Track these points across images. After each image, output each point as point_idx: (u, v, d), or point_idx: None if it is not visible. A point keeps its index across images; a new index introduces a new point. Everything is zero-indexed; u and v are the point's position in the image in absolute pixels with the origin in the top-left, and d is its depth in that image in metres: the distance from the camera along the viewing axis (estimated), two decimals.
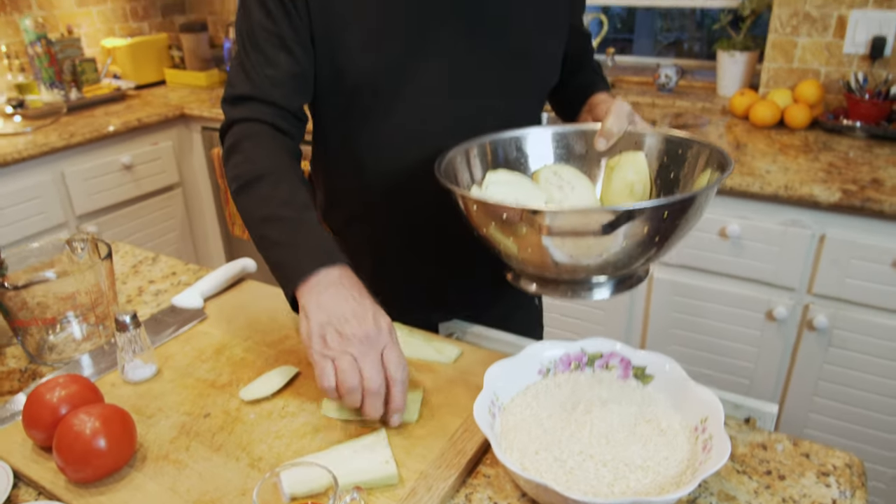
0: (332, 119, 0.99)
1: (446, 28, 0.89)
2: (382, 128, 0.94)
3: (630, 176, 0.86)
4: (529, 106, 1.02)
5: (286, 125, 0.91)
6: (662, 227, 0.69)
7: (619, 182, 0.87)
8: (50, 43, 2.42)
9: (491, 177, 0.86)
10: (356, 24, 0.88)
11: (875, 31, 1.81)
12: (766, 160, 1.65)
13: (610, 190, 0.88)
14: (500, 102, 0.95)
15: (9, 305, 0.88)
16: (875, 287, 1.48)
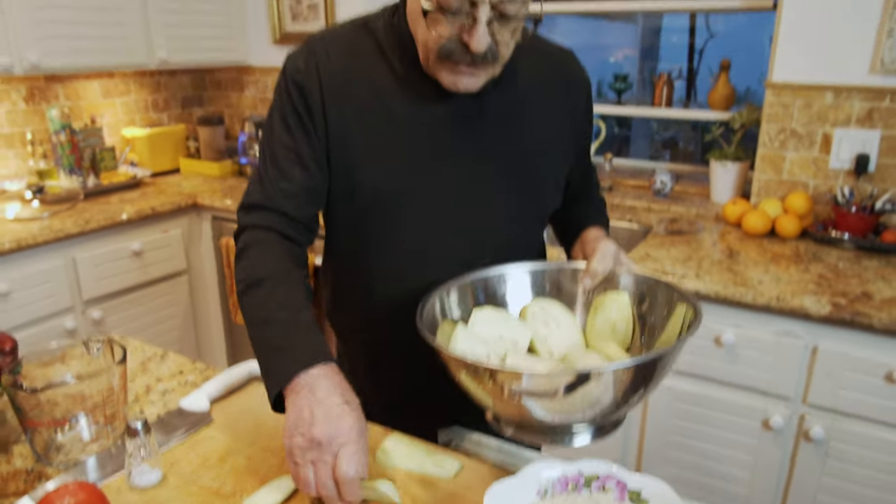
0: (343, 229, 1.05)
1: (454, 155, 0.96)
2: (388, 244, 1.00)
3: (613, 315, 0.91)
4: (531, 228, 1.07)
5: (294, 233, 0.98)
6: (629, 385, 0.73)
7: (602, 322, 0.91)
8: (74, 132, 2.54)
9: (477, 315, 0.90)
10: (369, 148, 0.95)
11: (858, 148, 1.92)
12: (759, 269, 1.70)
13: (594, 329, 0.92)
14: (503, 225, 1.01)
15: (22, 405, 0.91)
16: (869, 400, 1.50)
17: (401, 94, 0.95)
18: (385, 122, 0.95)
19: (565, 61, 1.06)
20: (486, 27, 0.81)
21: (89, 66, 2.40)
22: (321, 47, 0.97)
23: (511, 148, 0.99)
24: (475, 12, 0.80)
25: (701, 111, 2.41)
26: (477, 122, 0.96)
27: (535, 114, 1.00)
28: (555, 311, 0.94)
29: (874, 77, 1.86)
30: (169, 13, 2.59)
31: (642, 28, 5.03)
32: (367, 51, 0.96)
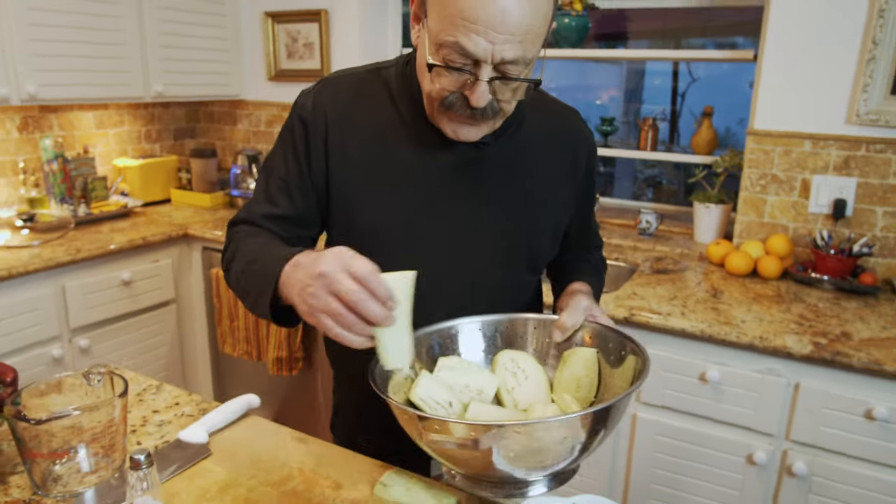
0: None
1: (452, 200, 1.00)
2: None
3: (578, 371, 0.93)
4: (524, 275, 1.10)
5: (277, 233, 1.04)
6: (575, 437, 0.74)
7: (569, 376, 0.94)
8: (66, 161, 2.55)
9: (443, 362, 0.94)
10: (368, 187, 1.00)
11: (836, 194, 1.99)
12: (742, 309, 1.75)
13: (560, 383, 0.95)
14: (496, 271, 1.05)
15: (22, 436, 0.91)
16: (850, 437, 1.54)
17: (405, 138, 0.99)
18: (386, 164, 0.99)
19: (568, 119, 1.10)
20: (486, 85, 0.85)
21: (86, 97, 2.43)
22: (331, 87, 1.02)
23: (509, 197, 1.02)
24: (477, 71, 0.84)
25: (685, 155, 2.49)
26: (477, 170, 1.00)
27: (535, 166, 1.04)
28: (524, 363, 0.97)
29: (850, 127, 1.95)
30: (166, 48, 2.64)
31: (627, 71, 5.18)
32: (377, 95, 1.01)
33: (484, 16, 0.79)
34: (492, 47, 0.81)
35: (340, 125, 1.00)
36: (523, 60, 0.84)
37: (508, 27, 0.80)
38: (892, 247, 1.97)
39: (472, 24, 0.80)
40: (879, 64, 1.86)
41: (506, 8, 0.79)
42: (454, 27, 0.81)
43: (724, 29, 3.45)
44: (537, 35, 0.84)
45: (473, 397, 0.92)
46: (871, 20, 1.85)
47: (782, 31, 1.99)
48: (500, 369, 0.96)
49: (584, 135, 1.11)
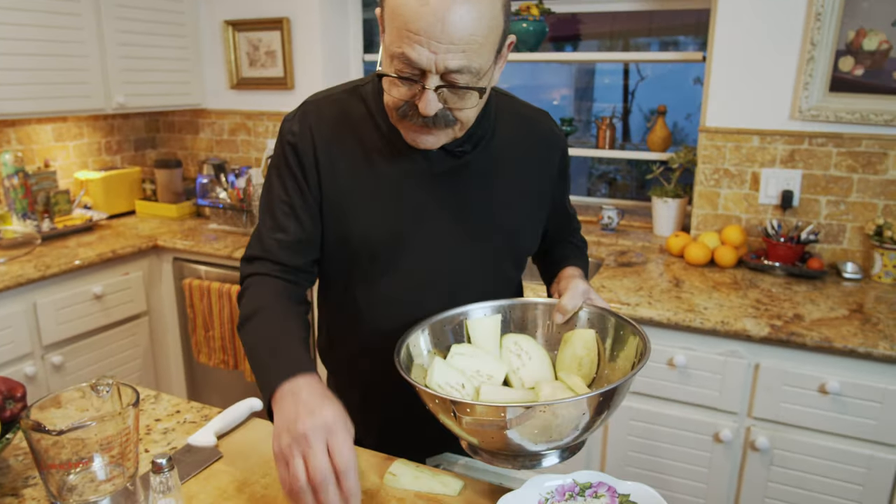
0: (335, 275, 1.15)
1: (437, 208, 1.06)
2: (375, 289, 1.10)
3: (579, 351, 1.01)
4: (508, 272, 1.17)
5: (291, 278, 1.08)
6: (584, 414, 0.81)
7: (569, 356, 1.02)
8: (27, 176, 2.52)
9: (456, 349, 1.01)
10: (358, 201, 1.06)
11: (783, 186, 2.13)
12: (703, 296, 1.87)
13: (562, 362, 1.03)
14: (482, 270, 1.11)
15: (38, 448, 0.94)
16: (806, 410, 1.67)
17: (388, 152, 1.04)
18: (373, 178, 1.05)
19: (541, 121, 1.16)
20: (433, 94, 0.89)
21: (47, 111, 2.40)
22: (314, 110, 1.07)
23: (489, 201, 1.08)
24: (424, 81, 0.89)
25: (642, 152, 2.60)
26: (458, 178, 1.06)
27: (512, 169, 1.10)
28: (527, 345, 1.04)
29: (794, 123, 2.09)
30: (127, 59, 2.62)
31: (577, 71, 5.33)
32: (357, 113, 1.06)
33: (425, 26, 0.84)
34: (434, 57, 0.85)
35: (327, 145, 1.05)
36: (468, 69, 0.88)
37: (449, 37, 0.84)
38: (835, 233, 2.12)
39: (415, 34, 0.84)
40: (818, 64, 2.01)
41: (445, 18, 0.83)
42: (401, 39, 0.86)
43: (667, 29, 3.61)
44: (482, 45, 0.87)
45: (484, 381, 0.99)
46: (809, 23, 1.99)
47: (729, 34, 2.12)
48: (504, 352, 1.04)
49: (557, 135, 1.16)
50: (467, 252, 1.09)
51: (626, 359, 0.97)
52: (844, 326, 1.66)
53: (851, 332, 1.63)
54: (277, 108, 2.91)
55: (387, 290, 1.09)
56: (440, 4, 0.82)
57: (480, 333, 1.06)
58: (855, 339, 1.60)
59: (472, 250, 1.10)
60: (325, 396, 0.84)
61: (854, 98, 1.99)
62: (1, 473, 1.03)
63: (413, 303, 1.08)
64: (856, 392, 1.61)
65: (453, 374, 0.95)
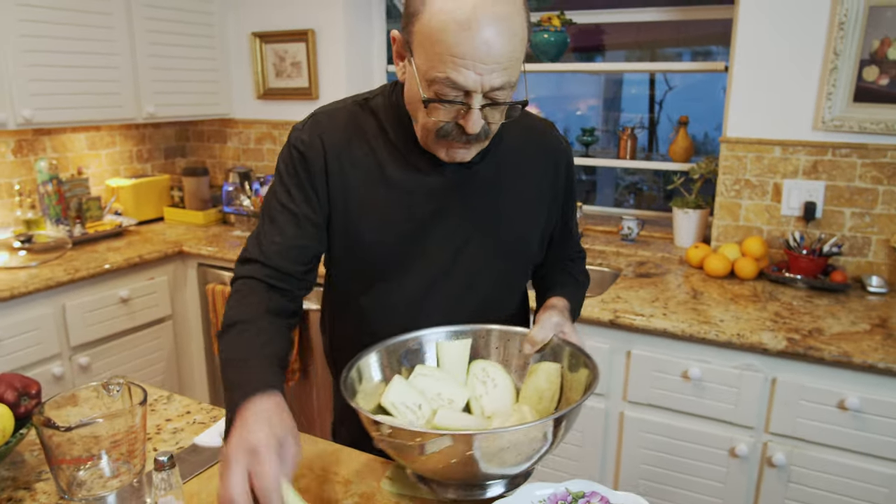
0: (341, 283, 1.18)
1: (444, 218, 1.08)
2: (381, 297, 1.12)
3: (542, 384, 1.00)
4: (514, 280, 1.18)
5: (282, 285, 1.07)
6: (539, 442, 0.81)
7: (532, 388, 1.01)
8: (61, 182, 2.60)
9: (420, 369, 1.01)
10: (367, 211, 1.07)
11: (806, 197, 2.10)
12: (720, 309, 1.84)
13: (524, 394, 1.03)
14: (488, 279, 1.13)
15: (49, 443, 0.97)
16: (825, 427, 1.63)
17: (398, 164, 1.06)
18: (383, 188, 1.07)
19: (546, 132, 1.17)
20: (479, 113, 0.92)
21: (80, 120, 2.49)
22: (325, 119, 1.09)
23: (496, 211, 1.10)
24: (469, 101, 0.91)
25: (663, 162, 2.58)
26: (466, 189, 1.08)
27: (517, 179, 1.11)
28: (494, 373, 1.04)
29: (817, 133, 2.06)
30: (157, 70, 2.70)
31: (605, 81, 5.31)
32: (367, 125, 1.08)
33: (471, 51, 0.86)
34: (481, 78, 0.88)
35: (338, 155, 1.06)
36: (509, 84, 0.92)
37: (494, 58, 0.87)
38: (860, 246, 2.08)
39: (461, 59, 0.87)
40: (841, 73, 1.97)
41: (489, 41, 0.86)
42: (443, 64, 0.88)
43: (698, 39, 3.58)
44: (518, 59, 0.92)
45: (443, 405, 0.99)
46: (832, 32, 1.96)
47: (750, 44, 2.09)
48: (471, 378, 1.04)
49: (562, 146, 1.18)
50: (474, 261, 1.11)
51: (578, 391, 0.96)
52: (865, 341, 1.62)
53: (872, 346, 1.59)
54: (302, 117, 2.96)
55: (392, 298, 1.11)
56: (482, 28, 0.85)
57: (448, 356, 1.05)
58: (876, 354, 1.56)
59: (480, 259, 1.11)
60: (270, 416, 0.81)
61: (879, 108, 1.95)
62: (16, 467, 1.07)
63: (417, 313, 1.10)
64: (876, 409, 1.57)
65: (412, 393, 0.96)
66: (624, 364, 1.85)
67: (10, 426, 1.01)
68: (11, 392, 1.04)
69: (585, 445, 1.95)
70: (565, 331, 1.05)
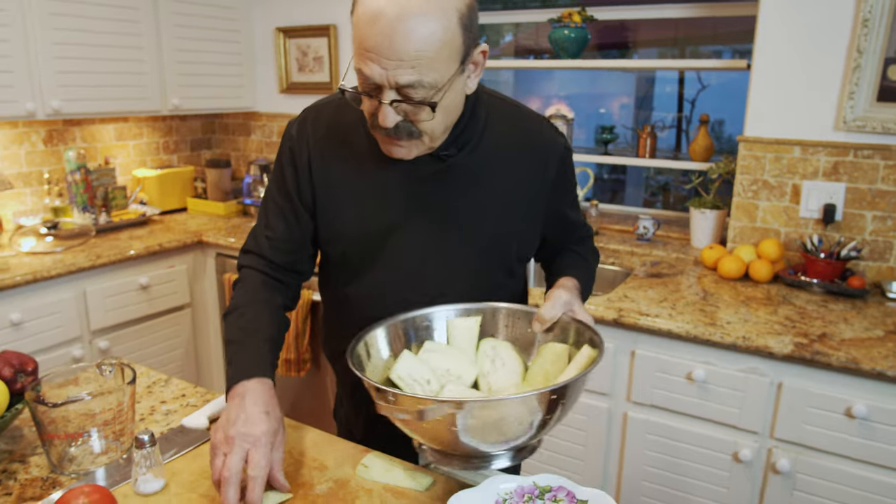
0: (330, 273, 1.21)
1: (423, 210, 1.09)
2: (364, 287, 1.14)
3: (548, 365, 1.00)
4: (495, 276, 1.16)
5: (277, 275, 1.16)
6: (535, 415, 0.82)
7: (538, 369, 1.01)
8: (88, 172, 2.68)
9: (430, 345, 1.02)
10: (349, 202, 1.10)
11: (825, 199, 2.04)
12: (730, 311, 1.81)
13: (531, 374, 1.02)
14: (466, 272, 1.12)
15: (42, 419, 1.01)
16: (831, 434, 1.59)
17: (378, 157, 1.07)
18: (361, 180, 1.10)
19: (536, 127, 1.15)
20: (389, 108, 0.93)
21: (107, 111, 2.56)
22: (313, 116, 1.14)
23: (474, 205, 1.09)
24: (380, 96, 0.93)
25: (681, 162, 2.54)
26: (442, 181, 1.08)
27: (500, 174, 1.10)
28: (503, 352, 1.04)
29: (838, 134, 2.00)
30: (183, 63, 2.76)
31: (637, 79, 5.24)
32: (352, 119, 1.10)
33: (375, 44, 0.88)
34: (386, 73, 0.89)
35: (322, 149, 1.11)
36: (421, 84, 0.90)
37: (397, 53, 0.87)
38: (881, 250, 2.01)
39: (367, 52, 0.89)
40: (864, 72, 1.91)
41: (392, 36, 0.86)
42: (358, 56, 0.91)
43: (734, 36, 3.50)
44: (433, 59, 0.89)
45: (451, 380, 1.00)
46: (856, 30, 1.91)
47: (771, 42, 2.05)
48: (480, 355, 1.04)
49: (554, 142, 1.15)
50: (451, 254, 1.11)
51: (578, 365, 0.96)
52: (876, 348, 1.58)
53: (883, 354, 1.55)
54: None
55: (374, 288, 1.13)
56: (388, 22, 0.86)
57: (458, 333, 1.06)
58: (885, 361, 1.51)
59: (456, 253, 1.11)
60: (267, 407, 0.94)
61: None
62: (14, 441, 1.11)
63: (399, 301, 1.11)
64: (885, 417, 1.53)
65: (421, 368, 0.97)
66: (628, 364, 1.83)
67: (4, 401, 1.05)
68: (8, 369, 1.08)
69: (589, 445, 1.93)
70: (574, 309, 1.04)
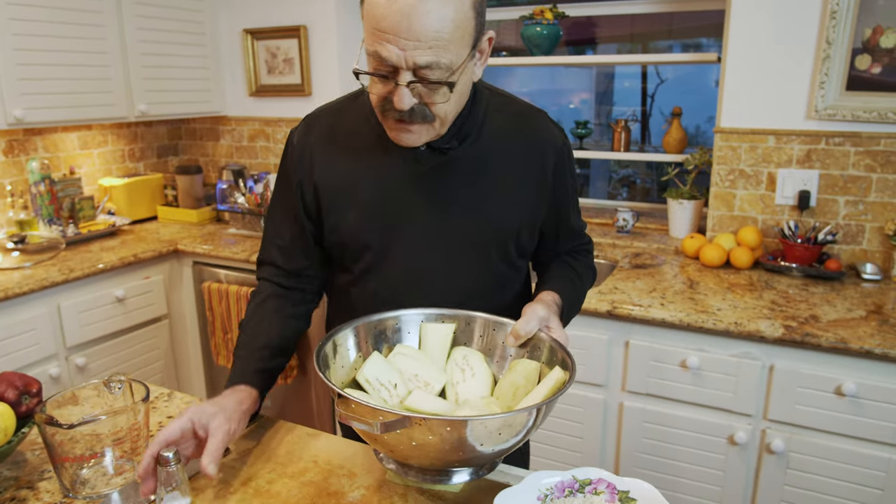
0: (335, 273, 1.21)
1: (425, 205, 1.08)
2: (368, 287, 1.14)
3: (519, 380, 0.97)
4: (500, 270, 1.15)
5: (288, 282, 1.18)
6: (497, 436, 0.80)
7: (508, 383, 0.98)
8: (53, 182, 2.58)
9: (401, 348, 1.00)
10: (350, 205, 1.10)
11: (800, 186, 2.11)
12: (717, 298, 1.85)
13: (500, 388, 1.00)
14: (469, 266, 1.11)
15: (52, 441, 0.97)
16: (822, 413, 1.64)
17: (381, 152, 1.07)
18: (363, 179, 1.09)
19: (534, 120, 1.14)
20: (406, 89, 0.92)
21: (72, 119, 2.47)
22: (314, 122, 1.14)
23: (475, 197, 1.09)
24: (396, 77, 0.92)
25: (657, 154, 2.59)
26: (444, 174, 1.08)
27: (500, 166, 1.09)
28: (474, 362, 1.02)
29: (810, 122, 2.07)
30: (149, 68, 2.68)
31: (597, 74, 5.31)
32: (353, 119, 1.11)
33: (391, 25, 0.87)
34: (403, 53, 0.88)
35: (323, 155, 1.11)
36: (438, 65, 0.90)
37: (415, 34, 0.87)
38: (854, 234, 2.09)
39: (384, 33, 0.88)
40: (834, 62, 1.98)
41: (410, 16, 0.86)
42: (372, 38, 0.90)
43: (687, 31, 3.58)
44: (449, 41, 0.89)
45: (419, 387, 0.98)
46: (825, 21, 1.97)
47: (743, 34, 2.10)
48: (451, 363, 1.02)
49: (552, 135, 1.14)
50: (453, 247, 1.10)
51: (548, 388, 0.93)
52: (861, 327, 1.64)
53: (868, 333, 1.61)
54: (295, 114, 2.96)
55: (378, 287, 1.13)
56: (406, 2, 0.86)
57: (431, 339, 1.04)
58: (872, 340, 1.57)
59: (458, 245, 1.10)
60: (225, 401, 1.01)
61: (871, 96, 1.97)
62: (18, 467, 1.06)
63: (403, 296, 1.11)
64: (873, 394, 1.58)
65: (389, 371, 0.95)
66: (622, 354, 1.86)
67: (11, 425, 1.00)
68: (12, 391, 1.03)
69: (585, 436, 1.96)
70: (551, 326, 1.01)
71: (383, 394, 0.95)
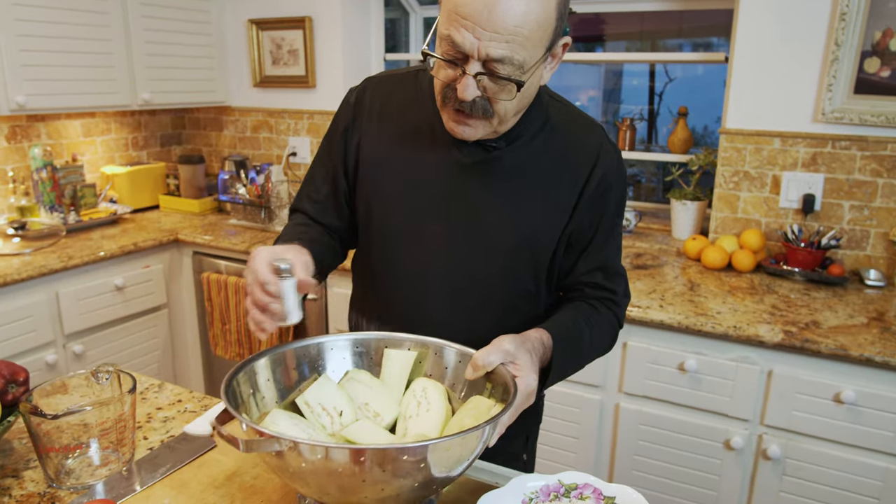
0: (361, 240, 1.19)
1: (455, 196, 1.06)
2: (388, 266, 1.12)
3: (466, 421, 0.87)
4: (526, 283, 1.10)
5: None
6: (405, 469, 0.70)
7: (457, 421, 0.89)
8: (55, 169, 2.58)
9: (355, 373, 0.94)
10: (387, 176, 1.10)
11: (805, 189, 2.08)
12: (717, 301, 1.83)
13: (450, 426, 0.90)
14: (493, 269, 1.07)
15: (37, 431, 0.96)
16: (820, 420, 1.63)
17: (428, 136, 1.06)
18: (405, 156, 1.08)
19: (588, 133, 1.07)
20: (472, 80, 0.90)
21: (75, 106, 2.47)
22: (373, 84, 1.15)
23: (511, 201, 1.05)
24: (465, 66, 0.90)
25: (662, 154, 2.57)
26: (484, 171, 1.05)
27: (542, 174, 1.05)
28: (433, 396, 0.92)
29: (817, 125, 2.04)
30: (152, 56, 2.68)
31: (605, 72, 5.28)
32: (410, 94, 1.10)
33: (472, 12, 0.85)
34: (478, 43, 0.86)
35: (374, 121, 1.11)
36: (511, 61, 0.87)
37: (494, 25, 0.85)
38: (858, 239, 2.07)
39: (463, 18, 0.86)
40: (842, 64, 1.96)
41: (493, 6, 0.84)
42: (449, 21, 0.88)
43: (698, 30, 3.55)
44: (527, 38, 0.86)
45: (368, 416, 0.91)
46: (834, 23, 1.94)
47: (751, 35, 2.08)
48: (408, 395, 0.94)
49: (601, 150, 1.06)
50: (478, 247, 1.07)
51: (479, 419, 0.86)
52: (862, 334, 1.62)
53: (869, 340, 1.59)
54: (299, 105, 2.95)
55: (398, 268, 1.11)
56: None
57: (391, 366, 0.97)
58: (872, 347, 1.55)
59: (484, 246, 1.07)
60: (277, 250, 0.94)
61: (880, 100, 1.94)
62: (4, 455, 1.06)
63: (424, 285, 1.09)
64: (872, 402, 1.57)
65: (337, 397, 0.89)
66: (620, 356, 1.84)
67: None
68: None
69: (581, 437, 1.94)
70: (517, 363, 0.89)
71: (323, 419, 0.88)
